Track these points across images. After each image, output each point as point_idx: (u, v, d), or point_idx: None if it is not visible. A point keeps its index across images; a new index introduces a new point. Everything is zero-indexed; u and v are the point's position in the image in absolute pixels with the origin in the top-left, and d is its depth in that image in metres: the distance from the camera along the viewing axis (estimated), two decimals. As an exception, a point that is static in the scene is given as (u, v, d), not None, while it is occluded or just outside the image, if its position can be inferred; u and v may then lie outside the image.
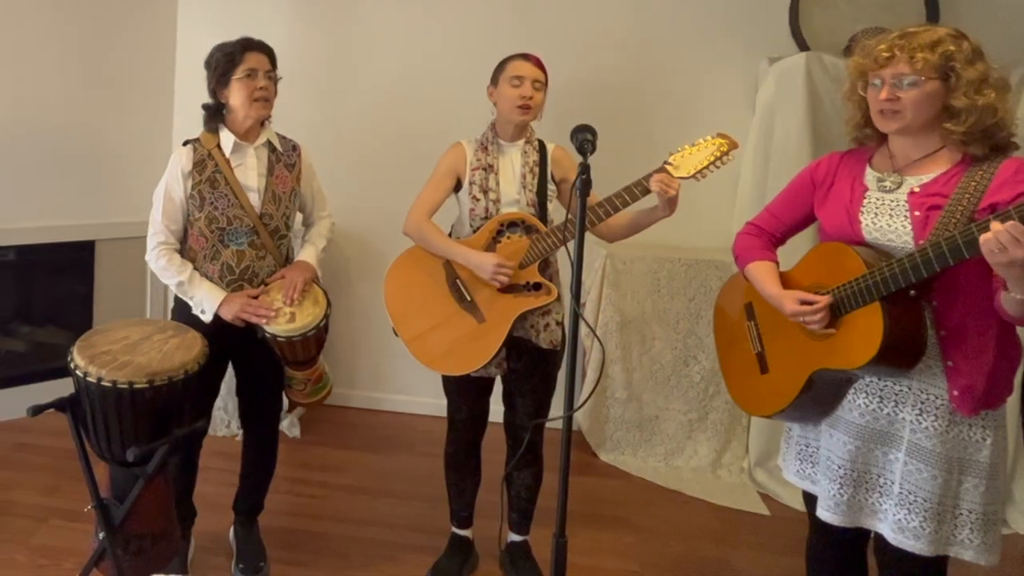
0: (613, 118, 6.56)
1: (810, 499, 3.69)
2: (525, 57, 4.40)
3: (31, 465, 5.90)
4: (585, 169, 3.35)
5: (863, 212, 3.39)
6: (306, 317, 4.22)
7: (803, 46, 6.48)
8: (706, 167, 4.02)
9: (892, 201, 3.32)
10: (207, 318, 4.25)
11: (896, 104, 3.23)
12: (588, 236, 3.74)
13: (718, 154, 4.03)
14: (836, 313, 3.36)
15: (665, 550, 5.30)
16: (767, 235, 3.83)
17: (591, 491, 6.03)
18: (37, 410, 3.66)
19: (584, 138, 3.52)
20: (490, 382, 4.65)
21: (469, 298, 4.38)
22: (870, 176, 3.46)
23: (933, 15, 6.31)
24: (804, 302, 3.40)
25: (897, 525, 3.31)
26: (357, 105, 7.23)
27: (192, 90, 5.87)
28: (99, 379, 3.56)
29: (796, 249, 3.84)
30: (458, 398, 4.69)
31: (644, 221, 4.31)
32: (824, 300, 3.35)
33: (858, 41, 5.34)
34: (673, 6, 6.83)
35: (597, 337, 6.34)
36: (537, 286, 4.28)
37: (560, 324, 4.44)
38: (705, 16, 6.80)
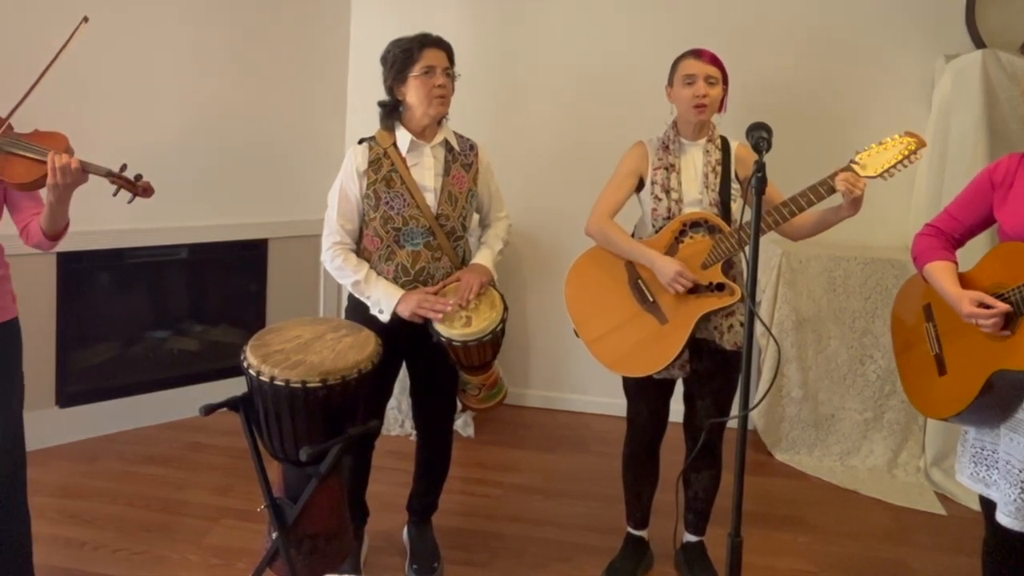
0: (791, 115, 6.56)
1: (986, 501, 3.61)
2: (697, 54, 4.29)
3: (204, 464, 5.96)
4: (760, 167, 3.29)
5: (1043, 213, 3.29)
6: (482, 322, 4.15)
7: (979, 43, 6.35)
8: (893, 166, 3.88)
9: (1072, 202, 3.22)
10: (385, 317, 4.20)
11: None
12: (765, 234, 3.73)
13: (906, 153, 3.89)
14: (1016, 313, 3.25)
15: (841, 550, 5.20)
16: (946, 236, 3.76)
17: (766, 490, 5.95)
18: (210, 409, 3.68)
19: (759, 136, 3.43)
20: (671, 384, 4.55)
21: (651, 299, 4.28)
22: (1049, 177, 3.35)
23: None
24: (982, 305, 3.30)
25: (1082, 533, 3.20)
26: (532, 104, 7.23)
27: (365, 88, 5.89)
28: (272, 378, 3.54)
29: (972, 251, 3.81)
30: (638, 400, 4.60)
31: (829, 220, 4.18)
32: (1001, 307, 3.25)
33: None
34: (850, 3, 6.74)
35: (773, 336, 6.25)
36: (720, 286, 4.17)
37: (744, 325, 4.30)
38: (882, 14, 6.70)
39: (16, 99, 3.62)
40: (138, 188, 3.61)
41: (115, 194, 3.60)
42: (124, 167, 3.58)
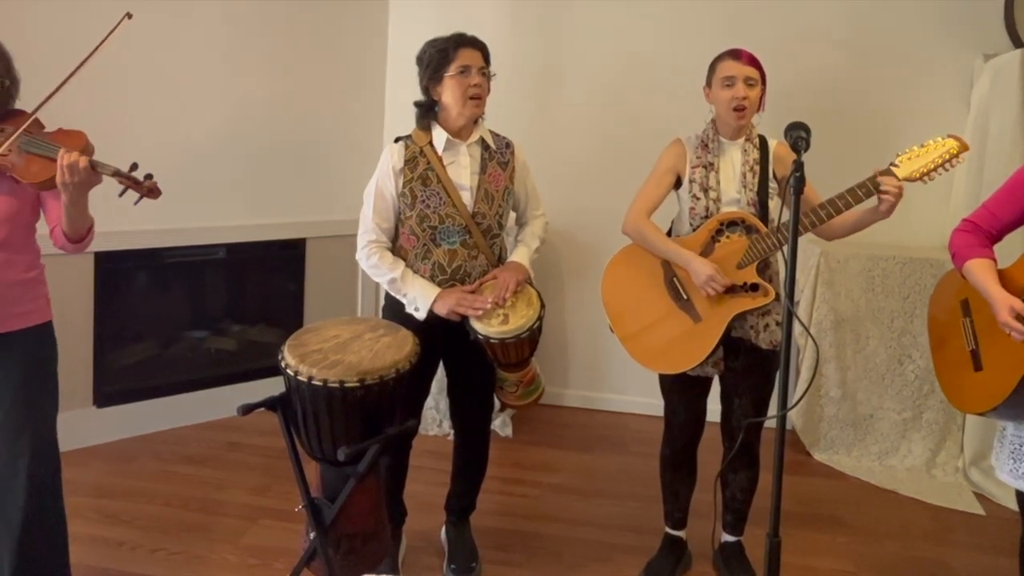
0: (828, 115, 6.52)
1: (1023, 496, 3.59)
2: (735, 55, 4.27)
3: (242, 464, 5.97)
4: (799, 166, 3.30)
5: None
6: (520, 319, 4.14)
7: (1018, 43, 6.32)
8: (934, 169, 3.89)
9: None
10: (421, 315, 4.19)
11: None
12: (801, 235, 3.70)
13: (947, 156, 3.88)
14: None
15: (880, 550, 5.20)
16: (984, 232, 3.77)
17: (805, 490, 5.94)
18: (247, 409, 3.67)
19: (798, 135, 3.45)
20: (707, 382, 4.55)
21: (686, 297, 4.29)
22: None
23: None
24: (1019, 317, 3.32)
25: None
26: (569, 103, 7.24)
27: (403, 88, 5.89)
28: (310, 378, 3.54)
29: (1008, 246, 3.83)
30: (675, 399, 4.60)
31: (865, 221, 4.16)
32: None
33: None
34: (888, 3, 6.72)
35: (811, 336, 6.25)
36: (755, 287, 4.17)
37: (780, 324, 4.30)
38: (920, 13, 6.68)
39: (59, 95, 3.60)
40: (143, 188, 3.53)
41: (121, 194, 3.54)
42: (135, 166, 3.50)
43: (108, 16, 3.77)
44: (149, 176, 3.52)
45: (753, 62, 4.24)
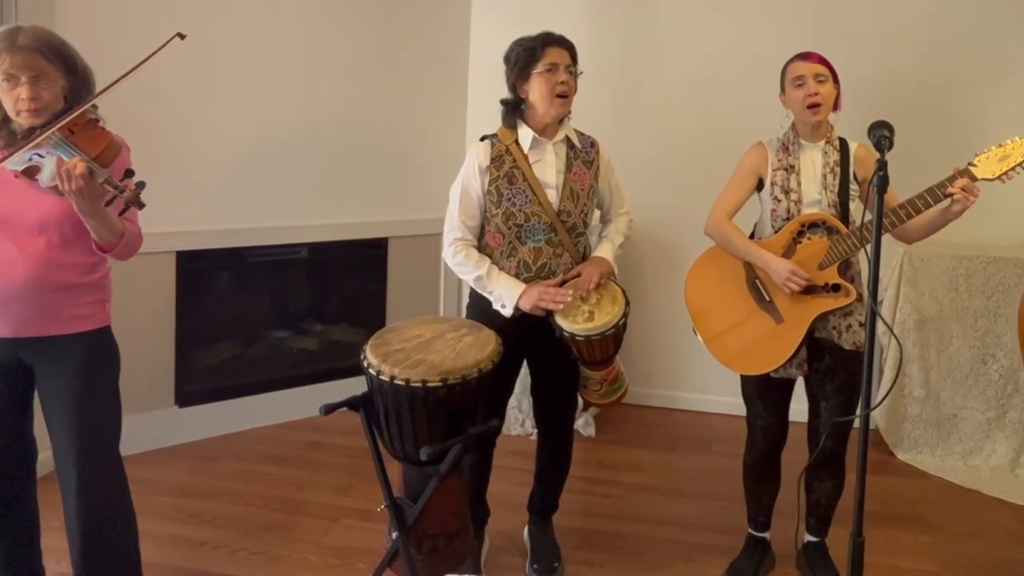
0: (910, 115, 6.46)
1: None
2: (803, 57, 4.30)
3: (324, 464, 6.00)
4: (882, 166, 3.32)
5: None
6: (605, 316, 4.11)
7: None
8: (1012, 169, 3.84)
9: None
10: (508, 312, 4.19)
11: None
12: (886, 235, 3.68)
13: None
14: None
15: (963, 550, 5.16)
16: None
17: (888, 490, 5.91)
18: (329, 409, 3.70)
19: (881, 134, 3.46)
20: (790, 386, 4.53)
21: (768, 298, 4.29)
22: None
23: None
24: None
25: None
26: (652, 103, 7.23)
27: (486, 87, 5.91)
28: (392, 378, 3.55)
29: None
30: (758, 402, 4.59)
31: (939, 222, 4.13)
32: None
33: None
34: (969, 1, 6.67)
35: (895, 335, 6.23)
36: (836, 287, 4.16)
37: (862, 325, 4.26)
38: (1002, 12, 6.61)
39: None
40: (125, 196, 3.21)
41: (108, 203, 3.33)
42: (130, 173, 3.26)
43: (194, 19, 3.72)
44: (139, 185, 3.30)
45: (821, 60, 4.26)
